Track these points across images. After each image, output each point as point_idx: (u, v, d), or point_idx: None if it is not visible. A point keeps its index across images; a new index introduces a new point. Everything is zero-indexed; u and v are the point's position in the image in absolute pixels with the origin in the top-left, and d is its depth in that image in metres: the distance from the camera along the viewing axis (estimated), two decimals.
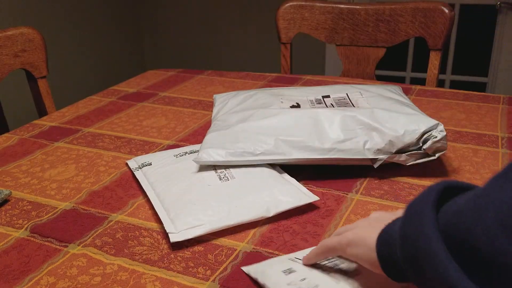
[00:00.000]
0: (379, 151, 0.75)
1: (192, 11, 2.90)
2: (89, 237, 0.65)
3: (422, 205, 0.40)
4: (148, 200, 0.73)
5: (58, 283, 0.56)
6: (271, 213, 0.66)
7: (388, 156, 0.75)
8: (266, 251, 0.61)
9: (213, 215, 0.64)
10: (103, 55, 2.80)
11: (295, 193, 0.68)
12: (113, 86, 1.33)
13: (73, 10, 2.56)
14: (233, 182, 0.70)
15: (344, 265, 0.53)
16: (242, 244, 0.62)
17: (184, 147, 0.83)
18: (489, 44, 2.40)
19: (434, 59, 1.30)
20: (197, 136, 0.94)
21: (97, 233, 0.65)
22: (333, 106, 0.83)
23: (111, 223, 0.67)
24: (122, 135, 0.95)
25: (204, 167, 0.74)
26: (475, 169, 0.80)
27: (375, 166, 0.75)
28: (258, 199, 0.66)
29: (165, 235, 0.64)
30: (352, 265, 0.53)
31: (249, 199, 0.66)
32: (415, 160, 0.76)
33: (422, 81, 2.39)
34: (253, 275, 0.55)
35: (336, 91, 0.91)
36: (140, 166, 0.79)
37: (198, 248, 0.62)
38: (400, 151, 0.75)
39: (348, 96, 0.88)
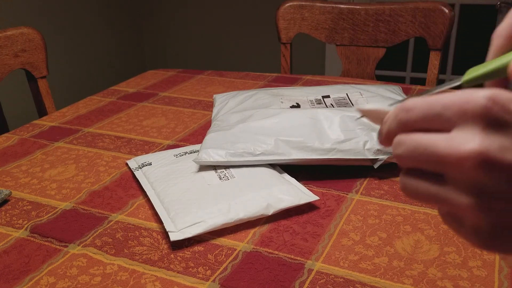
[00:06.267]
0: (379, 151, 0.75)
1: (192, 11, 2.90)
2: (89, 237, 0.65)
3: None
4: (148, 200, 0.73)
5: (58, 283, 0.56)
6: (271, 211, 0.66)
7: (388, 156, 0.75)
8: (266, 251, 0.61)
9: (213, 213, 0.64)
10: (103, 55, 2.80)
11: (295, 192, 0.68)
12: (113, 86, 1.33)
13: (73, 10, 2.56)
14: (233, 181, 0.70)
15: None
16: (242, 244, 0.62)
17: (184, 147, 0.83)
18: (489, 44, 2.40)
19: (434, 59, 1.30)
20: (197, 136, 0.94)
21: (97, 233, 0.65)
22: (333, 106, 0.83)
23: (111, 223, 0.67)
24: (122, 135, 0.95)
25: (204, 167, 0.74)
26: None
27: (375, 166, 0.75)
28: (258, 197, 0.66)
29: (165, 235, 0.65)
30: None
31: (249, 197, 0.66)
32: None
33: (422, 81, 2.40)
34: None
35: (336, 91, 0.91)
36: (140, 166, 0.79)
37: (198, 248, 0.62)
38: None
39: (348, 96, 0.88)
